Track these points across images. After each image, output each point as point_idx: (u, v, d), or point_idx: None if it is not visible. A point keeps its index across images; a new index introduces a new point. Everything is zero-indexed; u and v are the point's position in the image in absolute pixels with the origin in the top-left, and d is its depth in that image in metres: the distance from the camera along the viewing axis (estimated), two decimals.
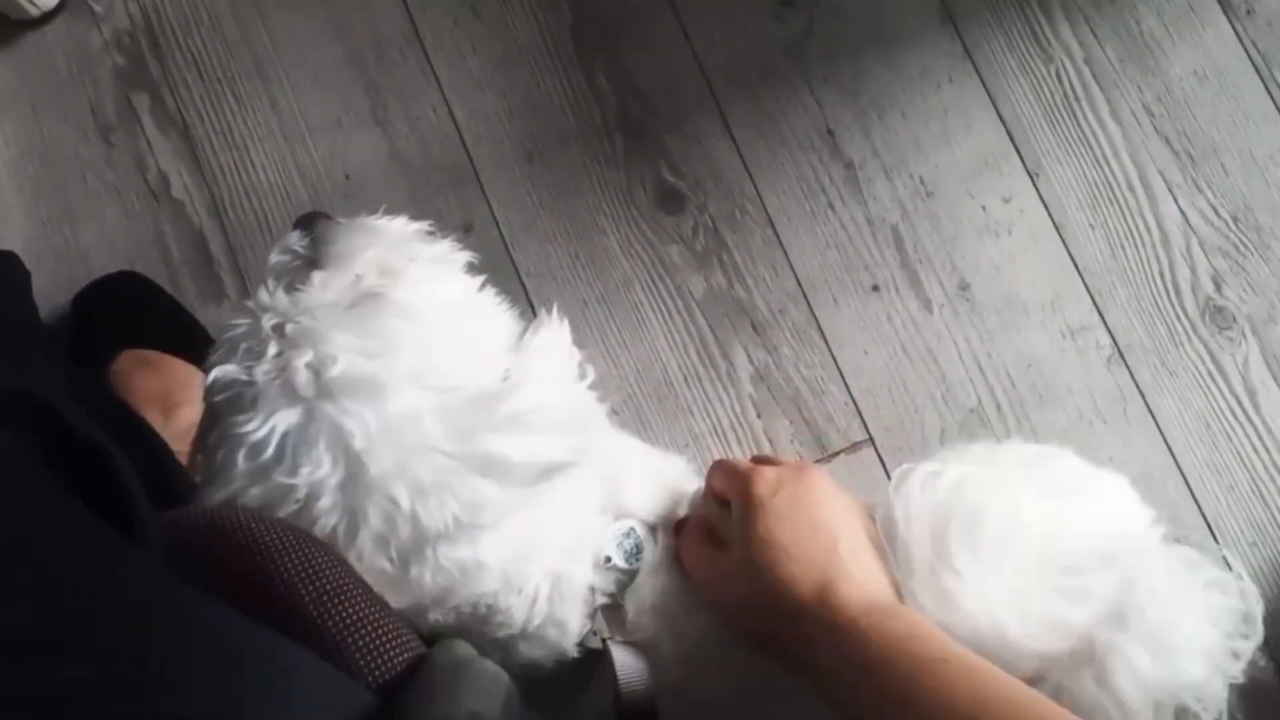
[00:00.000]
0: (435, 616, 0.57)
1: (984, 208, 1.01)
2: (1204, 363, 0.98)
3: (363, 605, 0.45)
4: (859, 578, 0.57)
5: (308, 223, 0.63)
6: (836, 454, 0.97)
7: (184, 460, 0.82)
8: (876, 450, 0.97)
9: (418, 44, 1.03)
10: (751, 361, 0.98)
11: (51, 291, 0.98)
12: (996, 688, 0.48)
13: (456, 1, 1.03)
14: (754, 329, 0.99)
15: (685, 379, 0.98)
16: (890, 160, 1.01)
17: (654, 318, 0.99)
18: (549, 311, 0.62)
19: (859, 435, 0.97)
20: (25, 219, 0.99)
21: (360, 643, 0.43)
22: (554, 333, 0.61)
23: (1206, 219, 1.00)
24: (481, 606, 0.58)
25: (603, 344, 0.98)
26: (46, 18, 1.02)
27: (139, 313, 0.95)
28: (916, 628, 0.54)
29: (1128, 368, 0.98)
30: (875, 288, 1.00)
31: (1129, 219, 1.00)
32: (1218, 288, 0.99)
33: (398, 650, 0.44)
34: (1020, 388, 0.98)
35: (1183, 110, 1.02)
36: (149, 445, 0.75)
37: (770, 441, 0.97)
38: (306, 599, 0.44)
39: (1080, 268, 1.00)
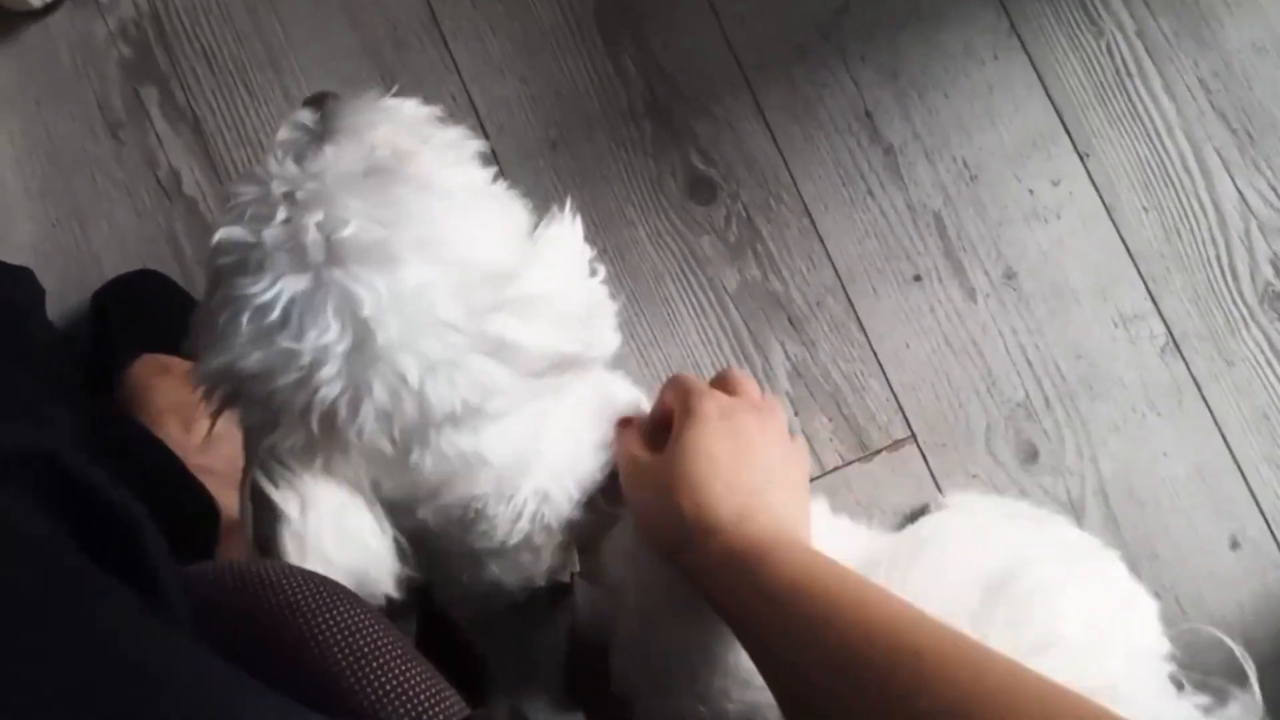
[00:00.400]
0: (424, 514, 0.57)
1: (1031, 191, 0.96)
2: (1263, 351, 0.93)
3: (402, 666, 0.42)
4: (782, 513, 0.56)
5: (318, 101, 0.61)
6: (878, 452, 0.93)
7: (201, 474, 0.79)
8: (919, 447, 0.93)
9: (435, 29, 0.98)
10: (788, 357, 0.94)
11: (63, 293, 0.95)
12: (913, 616, 0.47)
13: None
14: (790, 323, 0.95)
15: None
16: (932, 143, 0.96)
17: (686, 312, 0.95)
18: (560, 209, 0.59)
19: (901, 432, 0.94)
20: (33, 220, 0.96)
21: (400, 710, 0.40)
22: (566, 227, 0.59)
23: (1266, 200, 0.95)
24: (470, 510, 0.57)
25: (633, 340, 0.95)
26: (49, 9, 0.97)
27: (156, 313, 0.92)
28: (833, 564, 0.52)
29: (1182, 357, 0.94)
30: (917, 277, 0.95)
31: (1184, 201, 0.95)
32: (1277, 272, 0.94)
33: (441, 718, 0.41)
34: (1070, 380, 0.94)
35: (1240, 85, 0.96)
36: (171, 477, 0.73)
37: (808, 439, 0.93)
38: (343, 661, 0.42)
39: (1133, 253, 0.95)
